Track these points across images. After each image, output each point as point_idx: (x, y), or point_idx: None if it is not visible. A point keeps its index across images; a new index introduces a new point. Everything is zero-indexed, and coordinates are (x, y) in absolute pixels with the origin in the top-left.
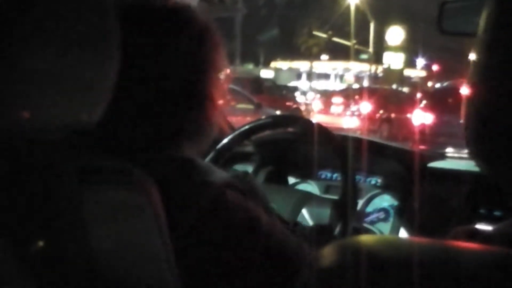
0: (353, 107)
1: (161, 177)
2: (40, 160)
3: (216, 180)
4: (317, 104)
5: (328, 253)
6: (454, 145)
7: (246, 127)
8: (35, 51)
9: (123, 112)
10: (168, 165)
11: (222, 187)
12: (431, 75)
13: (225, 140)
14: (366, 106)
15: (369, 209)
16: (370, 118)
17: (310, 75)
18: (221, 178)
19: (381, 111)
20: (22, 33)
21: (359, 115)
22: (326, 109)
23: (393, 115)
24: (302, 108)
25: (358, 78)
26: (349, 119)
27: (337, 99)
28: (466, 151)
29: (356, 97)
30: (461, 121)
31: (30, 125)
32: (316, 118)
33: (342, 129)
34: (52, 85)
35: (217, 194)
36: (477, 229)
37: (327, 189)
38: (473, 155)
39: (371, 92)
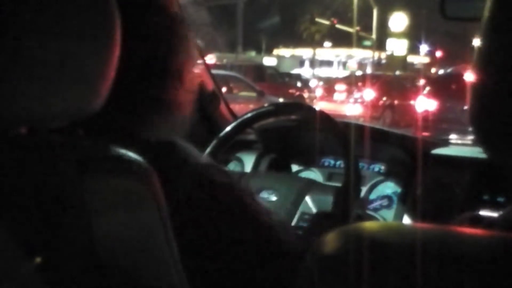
0: (356, 94)
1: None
2: (40, 149)
3: (196, 159)
4: (320, 92)
5: (331, 240)
6: (457, 132)
7: (249, 115)
8: (36, 40)
9: None
10: (148, 148)
11: (203, 166)
12: (434, 61)
13: (227, 128)
14: (369, 93)
15: (372, 196)
16: (373, 105)
17: (313, 62)
18: (202, 158)
19: (384, 98)
20: (22, 24)
21: (362, 102)
22: (329, 97)
23: (396, 101)
24: (305, 95)
25: (361, 65)
26: (352, 106)
27: (340, 86)
28: (469, 137)
29: (359, 84)
30: (465, 107)
31: (31, 114)
32: (319, 105)
33: (345, 116)
34: (54, 74)
35: (198, 172)
36: (480, 216)
37: (330, 177)
38: (478, 141)
39: (374, 79)
